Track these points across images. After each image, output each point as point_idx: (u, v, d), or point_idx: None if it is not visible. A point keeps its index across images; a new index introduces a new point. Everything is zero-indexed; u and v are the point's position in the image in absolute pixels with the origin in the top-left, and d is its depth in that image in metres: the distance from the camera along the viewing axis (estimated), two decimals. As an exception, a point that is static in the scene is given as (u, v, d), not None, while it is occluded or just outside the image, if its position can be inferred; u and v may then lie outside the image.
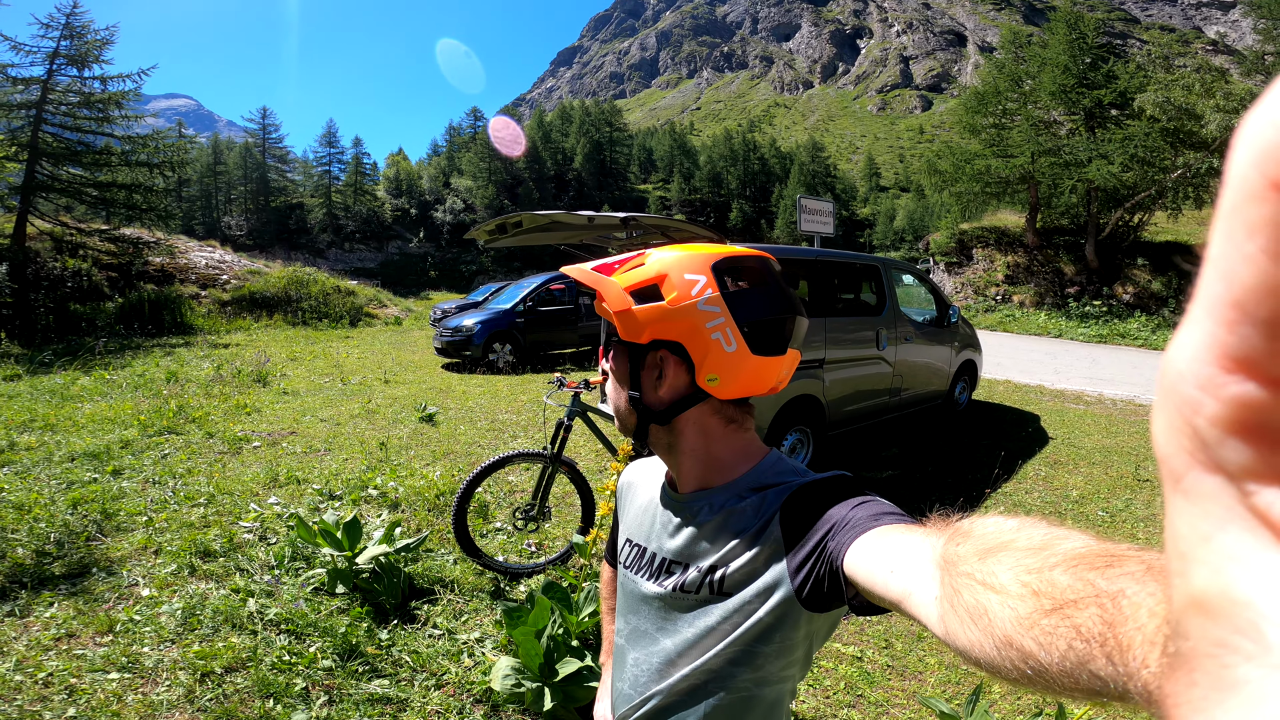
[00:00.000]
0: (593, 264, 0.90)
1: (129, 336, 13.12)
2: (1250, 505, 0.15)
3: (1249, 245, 0.14)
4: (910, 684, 2.66)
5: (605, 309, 0.85)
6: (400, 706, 2.32)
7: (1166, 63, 18.42)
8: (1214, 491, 0.16)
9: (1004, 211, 22.08)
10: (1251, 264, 0.14)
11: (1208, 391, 0.16)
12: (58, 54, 15.86)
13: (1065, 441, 6.40)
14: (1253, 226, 0.14)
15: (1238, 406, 0.15)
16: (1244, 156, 0.15)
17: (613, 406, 0.92)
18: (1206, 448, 0.16)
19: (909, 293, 8.14)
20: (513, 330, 10.95)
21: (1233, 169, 0.15)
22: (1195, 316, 0.16)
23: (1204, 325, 0.16)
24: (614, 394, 0.91)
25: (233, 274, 18.04)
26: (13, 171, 15.07)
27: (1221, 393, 0.16)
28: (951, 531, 0.48)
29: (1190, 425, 0.16)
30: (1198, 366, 0.16)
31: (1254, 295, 0.14)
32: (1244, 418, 0.15)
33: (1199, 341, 0.16)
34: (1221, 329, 0.15)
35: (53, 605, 2.78)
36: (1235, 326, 0.15)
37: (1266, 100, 0.15)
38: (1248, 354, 0.15)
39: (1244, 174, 0.15)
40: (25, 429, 5.65)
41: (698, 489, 0.86)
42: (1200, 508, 0.16)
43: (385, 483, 4.53)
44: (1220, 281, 0.15)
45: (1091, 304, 17.43)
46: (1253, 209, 0.14)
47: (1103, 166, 16.31)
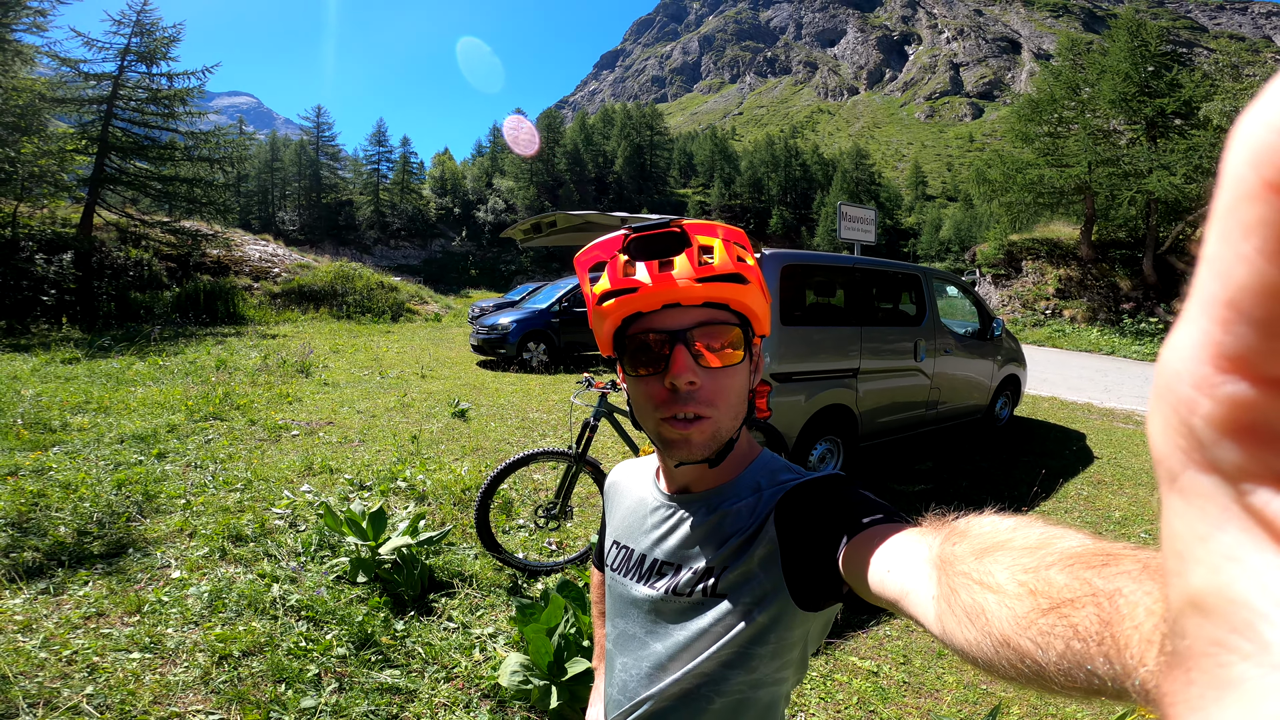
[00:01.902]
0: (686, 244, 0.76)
1: (184, 325, 13.71)
2: (1246, 505, 0.15)
3: (1244, 245, 0.14)
4: (926, 701, 2.56)
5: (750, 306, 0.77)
6: (409, 697, 2.34)
7: (1235, 71, 17.60)
8: (1210, 491, 0.16)
9: (1056, 223, 21.31)
10: (1246, 264, 0.14)
11: (1203, 391, 0.16)
12: (129, 50, 16.67)
13: (1111, 461, 6.11)
14: (1248, 226, 0.14)
15: (1233, 406, 0.15)
16: (1239, 156, 0.15)
17: (727, 409, 0.77)
18: (1202, 447, 0.16)
19: (951, 304, 7.92)
20: (547, 330, 11.04)
21: (1228, 169, 0.15)
22: (1191, 316, 0.16)
23: (1199, 324, 0.16)
24: (737, 391, 0.78)
25: (284, 267, 18.69)
26: (82, 164, 15.89)
27: (1216, 392, 0.15)
28: (948, 531, 0.48)
29: (1186, 424, 0.16)
30: (1193, 366, 0.16)
31: (1249, 295, 0.14)
32: (1239, 417, 0.15)
33: (1194, 341, 0.16)
34: (1217, 328, 0.15)
35: (87, 584, 2.89)
36: (1230, 326, 0.15)
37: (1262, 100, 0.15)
38: (1243, 354, 0.15)
39: (1239, 174, 0.15)
40: (79, 410, 5.93)
41: (691, 489, 0.83)
42: (1197, 507, 0.16)
43: (414, 475, 4.60)
44: (1215, 281, 0.15)
45: (1147, 320, 16.70)
46: (1248, 209, 0.14)
47: (1164, 177, 15.68)
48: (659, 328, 0.75)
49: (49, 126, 15.35)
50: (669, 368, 0.74)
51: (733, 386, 0.77)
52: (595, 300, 0.78)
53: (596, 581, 1.17)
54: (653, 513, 0.87)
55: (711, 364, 0.75)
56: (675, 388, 0.74)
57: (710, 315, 0.75)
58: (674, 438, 0.75)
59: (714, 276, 0.73)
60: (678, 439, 0.75)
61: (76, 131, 16.09)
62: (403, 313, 19.14)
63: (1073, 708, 2.60)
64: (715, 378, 0.75)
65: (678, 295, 0.74)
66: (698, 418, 0.74)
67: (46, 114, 15.00)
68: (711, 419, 0.75)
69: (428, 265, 52.78)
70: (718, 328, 0.75)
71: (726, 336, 0.76)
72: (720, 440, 0.76)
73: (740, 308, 0.77)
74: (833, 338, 4.73)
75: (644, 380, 0.76)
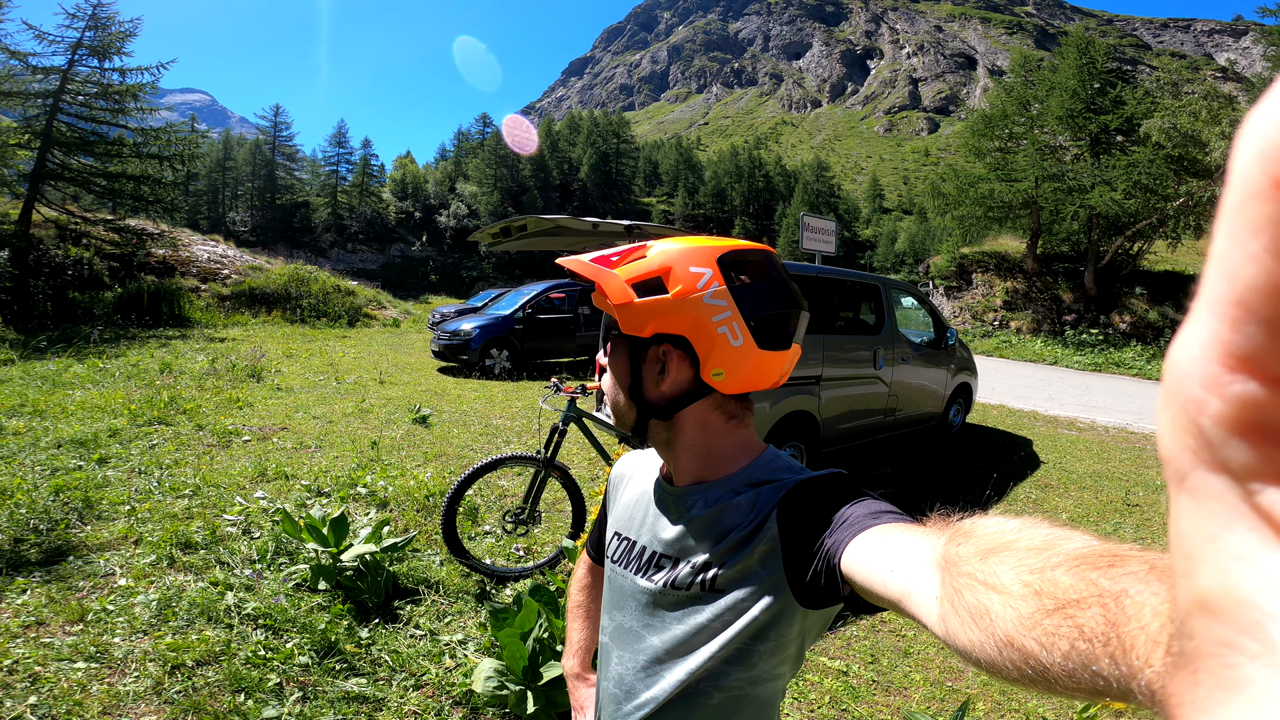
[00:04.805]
0: (591, 256, 0.87)
1: (125, 327, 13.09)
2: (1255, 505, 0.15)
3: (1253, 244, 0.14)
4: (895, 699, 2.63)
5: (606, 303, 0.83)
6: (376, 706, 2.28)
7: (1175, 89, 18.34)
8: (1219, 491, 0.16)
9: (1005, 237, 22.12)
10: (1255, 262, 0.14)
11: (1211, 390, 0.16)
12: (80, 45, 15.91)
13: (1057, 466, 6.39)
14: (1256, 225, 0.14)
15: (1241, 405, 0.15)
16: (1247, 154, 0.15)
17: (610, 402, 0.88)
18: (1211, 447, 0.16)
19: (908, 314, 8.14)
20: (511, 337, 10.95)
21: (1236, 167, 0.15)
22: (1199, 315, 0.16)
23: (1208, 323, 0.16)
24: (612, 389, 0.88)
25: (234, 269, 18.04)
26: (23, 159, 15.09)
27: (1225, 391, 0.15)
28: (952, 531, 0.48)
29: (1195, 424, 0.16)
30: (1202, 365, 0.16)
31: (1258, 294, 0.14)
32: (1248, 416, 0.15)
33: (1203, 340, 0.16)
34: (1225, 327, 0.15)
35: (25, 592, 2.74)
36: (1239, 325, 0.15)
37: (1270, 98, 0.15)
38: (1252, 353, 0.15)
39: (1247, 172, 0.15)
40: (14, 414, 5.62)
41: (693, 483, 0.84)
42: (1205, 507, 0.16)
43: (375, 482, 4.50)
44: (1224, 280, 0.15)
45: (1088, 332, 17.44)
46: (1256, 207, 0.14)
47: (1105, 193, 16.32)
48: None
49: (-10, 120, 14.57)
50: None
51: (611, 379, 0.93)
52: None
53: (581, 573, 1.16)
54: (655, 504, 0.88)
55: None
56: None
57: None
58: None
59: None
60: None
61: (19, 125, 15.27)
62: (360, 318, 18.68)
63: (1034, 702, 2.69)
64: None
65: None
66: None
67: (-11, 107, 14.24)
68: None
69: (386, 270, 51.66)
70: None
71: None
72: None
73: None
74: (796, 345, 4.82)
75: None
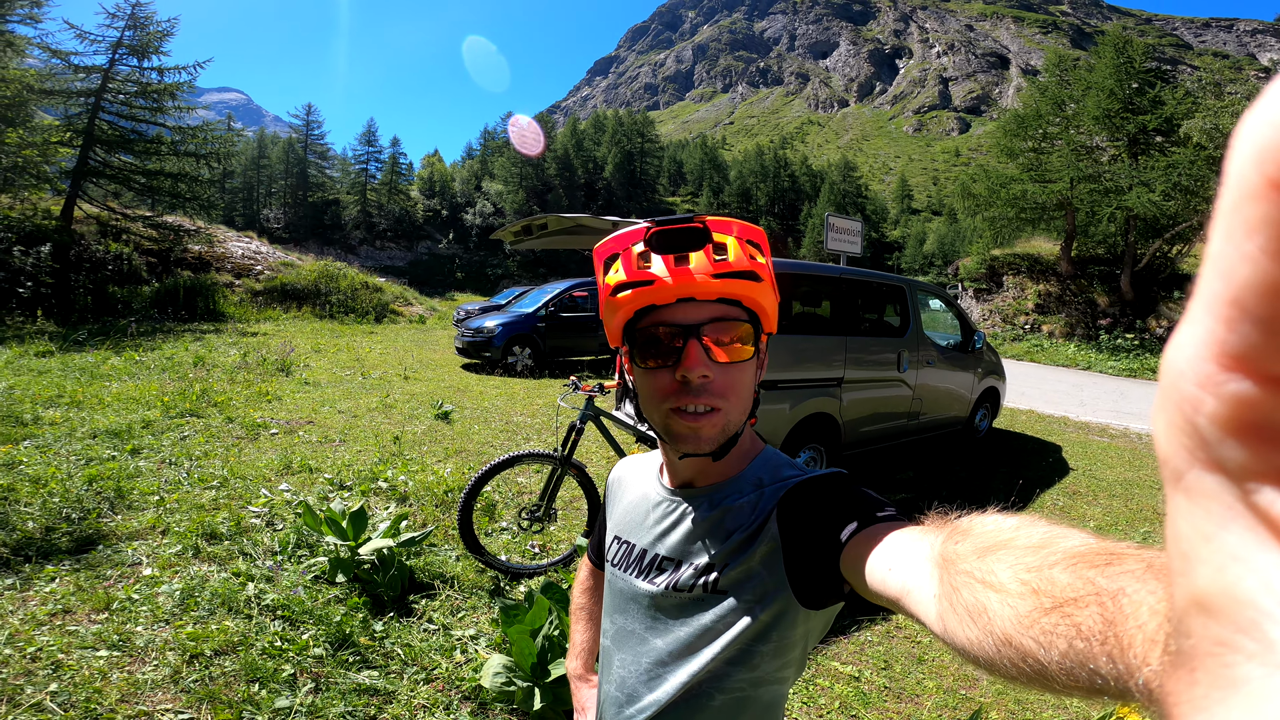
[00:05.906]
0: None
1: (162, 321, 13.48)
2: (1251, 504, 0.15)
3: (1248, 244, 0.14)
4: (907, 707, 2.58)
5: (761, 301, 0.78)
6: (387, 698, 2.31)
7: (1217, 89, 17.75)
8: (1215, 490, 0.16)
9: (1038, 239, 21.62)
10: (1250, 262, 0.14)
11: (1207, 389, 0.16)
12: (120, 44, 16.43)
13: (1086, 473, 6.21)
14: (1251, 225, 0.14)
15: (1237, 405, 0.15)
16: (1243, 155, 0.15)
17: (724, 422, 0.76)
18: (1207, 446, 0.16)
19: (934, 317, 8.01)
20: (533, 334, 11.02)
21: (1232, 167, 0.15)
22: (1195, 314, 0.16)
23: (1204, 323, 0.16)
24: (739, 401, 0.77)
25: (267, 265, 18.47)
26: (66, 156, 15.62)
27: (1221, 391, 0.15)
28: (950, 529, 0.48)
29: (1190, 423, 0.16)
30: (1197, 364, 0.16)
31: (1253, 293, 0.14)
32: (1243, 416, 0.15)
33: (1199, 339, 0.16)
34: (1221, 327, 0.15)
35: (54, 580, 2.82)
36: (1234, 324, 0.15)
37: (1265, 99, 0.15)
38: (1247, 352, 0.15)
39: (1243, 172, 0.15)
40: (52, 404, 5.81)
41: (694, 484, 0.84)
42: (1202, 507, 0.16)
43: (396, 476, 4.55)
44: (1219, 279, 0.15)
45: (1123, 336, 16.95)
46: (1251, 207, 0.14)
47: (1144, 194, 15.88)
48: (671, 321, 0.76)
49: (35, 118, 15.08)
50: (681, 361, 0.74)
51: (742, 381, 0.78)
52: (609, 291, 0.78)
53: (583, 577, 1.16)
54: (655, 508, 0.87)
55: (720, 358, 0.75)
56: (687, 381, 0.74)
57: (723, 311, 0.76)
58: (682, 430, 0.76)
59: (729, 273, 0.74)
60: (686, 431, 0.76)
61: (62, 124, 15.84)
62: (387, 314, 18.98)
63: (1049, 711, 2.62)
64: (726, 372, 0.76)
65: (693, 290, 0.74)
66: (710, 410, 0.75)
67: (33, 105, 14.74)
68: (722, 411, 0.76)
69: (413, 267, 52.45)
70: (729, 323, 0.76)
71: (737, 332, 0.76)
72: (728, 433, 0.77)
73: (751, 304, 0.78)
74: (818, 347, 4.76)
75: (653, 372, 0.77)
